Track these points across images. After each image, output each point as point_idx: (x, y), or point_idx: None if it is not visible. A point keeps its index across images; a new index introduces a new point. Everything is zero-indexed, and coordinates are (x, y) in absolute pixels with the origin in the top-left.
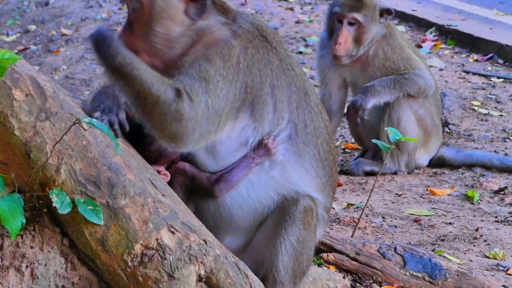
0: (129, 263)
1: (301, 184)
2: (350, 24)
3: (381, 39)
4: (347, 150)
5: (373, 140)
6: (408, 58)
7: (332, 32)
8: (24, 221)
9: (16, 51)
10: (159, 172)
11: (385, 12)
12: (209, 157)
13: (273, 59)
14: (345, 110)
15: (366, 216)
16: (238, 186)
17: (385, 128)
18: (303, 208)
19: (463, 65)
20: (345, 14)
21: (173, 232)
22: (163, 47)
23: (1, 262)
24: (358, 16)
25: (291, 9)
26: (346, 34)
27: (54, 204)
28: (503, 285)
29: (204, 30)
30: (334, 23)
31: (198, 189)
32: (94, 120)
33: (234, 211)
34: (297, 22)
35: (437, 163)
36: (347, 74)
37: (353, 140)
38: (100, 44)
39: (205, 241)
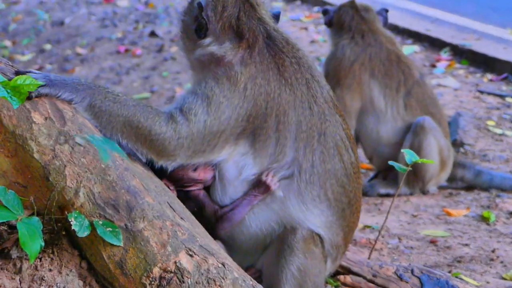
0: (148, 287)
1: (302, 218)
2: None
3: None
4: (362, 170)
5: (390, 162)
6: None
7: None
8: (43, 244)
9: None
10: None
11: None
12: (218, 182)
13: (284, 94)
14: None
15: (382, 237)
16: None
17: (402, 150)
18: (302, 237)
19: (477, 85)
20: None
21: (191, 255)
22: (189, 64)
23: (20, 285)
24: None
25: (305, 28)
26: None
27: (73, 227)
28: None
29: (217, 55)
30: None
31: (206, 220)
32: (92, 135)
33: (236, 236)
34: (312, 41)
35: (455, 185)
36: None
37: (368, 160)
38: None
39: (223, 264)
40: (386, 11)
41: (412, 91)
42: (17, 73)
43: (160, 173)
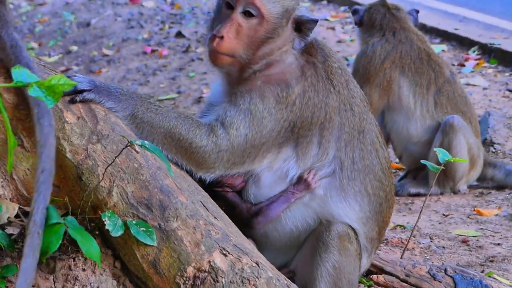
0: (182, 286)
1: (342, 214)
2: None
3: None
4: (392, 169)
5: (422, 161)
6: None
7: None
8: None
9: (53, 72)
10: None
11: None
12: (252, 185)
13: (331, 101)
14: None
15: (414, 237)
16: None
17: (434, 149)
18: (337, 233)
19: (506, 83)
20: None
21: (225, 255)
22: (251, 62)
23: (54, 285)
24: None
25: (333, 28)
26: None
27: (106, 227)
28: None
29: (274, 63)
30: None
31: (237, 218)
32: (146, 142)
33: (269, 233)
34: (339, 41)
35: (486, 185)
36: None
37: (397, 159)
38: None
39: (257, 264)
40: (417, 11)
41: (443, 89)
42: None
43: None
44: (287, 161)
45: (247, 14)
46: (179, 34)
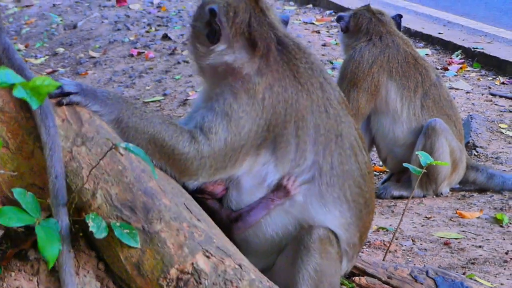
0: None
1: (322, 220)
2: None
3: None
4: (375, 172)
5: (404, 164)
6: None
7: None
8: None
9: (44, 73)
10: None
11: None
12: (232, 191)
13: (302, 99)
14: None
15: (396, 239)
16: None
17: (417, 152)
18: (318, 237)
19: (489, 87)
20: None
21: (208, 257)
22: (198, 70)
23: (38, 286)
24: None
25: (318, 32)
26: None
27: (90, 229)
28: None
29: (233, 66)
30: None
31: (217, 223)
32: (130, 145)
33: (250, 238)
34: (324, 45)
35: (468, 187)
36: None
37: (381, 162)
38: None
39: (240, 266)
40: (400, 16)
41: (429, 92)
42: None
43: None
44: (266, 165)
45: None
46: (165, 37)
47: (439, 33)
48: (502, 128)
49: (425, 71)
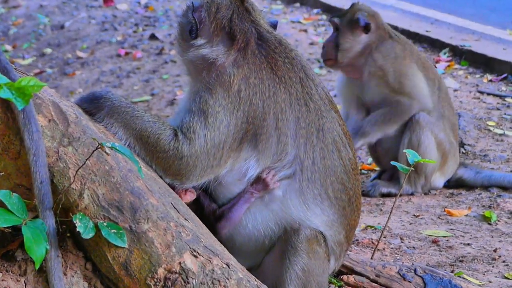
0: (152, 287)
1: (303, 218)
2: (335, 29)
3: (372, 48)
4: (363, 171)
5: (392, 162)
6: (402, 74)
7: None
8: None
9: (32, 74)
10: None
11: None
12: (212, 185)
13: (279, 92)
14: None
15: (384, 237)
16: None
17: (404, 150)
18: (305, 237)
19: (477, 85)
20: (330, 19)
21: (196, 256)
22: (185, 68)
23: (25, 287)
24: (337, 21)
25: (305, 30)
26: (329, 39)
27: (77, 229)
28: None
29: (209, 59)
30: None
31: (205, 220)
32: (116, 144)
33: (234, 236)
34: (311, 43)
35: (456, 184)
36: (359, 91)
37: (369, 160)
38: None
39: (227, 265)
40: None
41: (441, 85)
42: None
43: None
44: (247, 160)
45: None
46: (153, 37)
47: (427, 31)
48: (490, 125)
49: (433, 65)
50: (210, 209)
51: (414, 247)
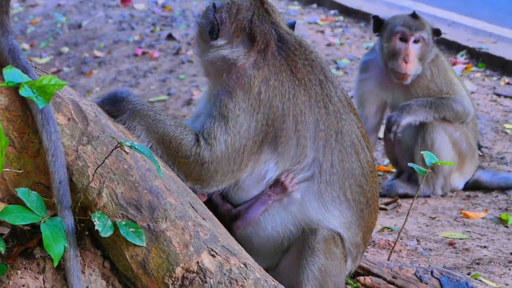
0: (170, 286)
1: (321, 219)
2: (415, 42)
3: (430, 61)
4: (379, 173)
5: (409, 164)
6: (451, 82)
7: (391, 53)
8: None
9: (49, 73)
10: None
11: (435, 32)
12: (232, 188)
13: (299, 94)
14: (380, 133)
15: (401, 239)
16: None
17: (421, 152)
18: (323, 237)
19: (494, 88)
20: (411, 33)
21: (213, 256)
22: (203, 70)
23: (44, 284)
24: (423, 34)
25: (322, 31)
26: (413, 52)
27: (96, 227)
28: None
29: (229, 60)
30: (395, 43)
31: (220, 220)
32: (135, 143)
33: (253, 238)
34: (328, 45)
35: (472, 186)
36: (389, 96)
37: (385, 162)
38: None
39: (245, 265)
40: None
41: (463, 83)
42: None
43: None
44: (267, 163)
45: None
46: (170, 37)
47: (444, 33)
48: (507, 128)
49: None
50: (224, 209)
51: (430, 249)
